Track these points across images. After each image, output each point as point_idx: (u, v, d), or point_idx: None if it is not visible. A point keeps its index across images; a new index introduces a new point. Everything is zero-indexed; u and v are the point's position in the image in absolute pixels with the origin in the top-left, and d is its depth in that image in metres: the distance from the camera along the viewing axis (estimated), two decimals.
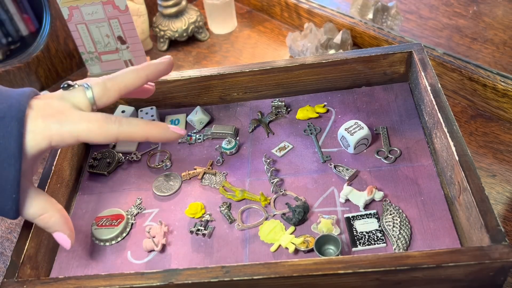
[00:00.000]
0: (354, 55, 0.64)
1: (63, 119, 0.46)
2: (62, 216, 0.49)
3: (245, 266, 0.44)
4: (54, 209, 0.48)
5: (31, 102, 0.47)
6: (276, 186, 0.58)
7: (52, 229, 0.48)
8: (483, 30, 0.84)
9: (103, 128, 0.47)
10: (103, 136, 0.47)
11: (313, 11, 0.91)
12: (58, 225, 0.48)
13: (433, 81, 0.58)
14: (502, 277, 0.43)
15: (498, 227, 0.43)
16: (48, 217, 0.48)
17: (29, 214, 0.47)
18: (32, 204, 0.47)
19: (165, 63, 0.54)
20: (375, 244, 0.50)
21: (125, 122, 0.48)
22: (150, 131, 0.49)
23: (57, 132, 0.46)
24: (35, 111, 0.46)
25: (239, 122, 0.67)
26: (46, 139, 0.45)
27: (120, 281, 0.45)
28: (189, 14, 0.98)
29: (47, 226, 0.48)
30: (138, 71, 0.52)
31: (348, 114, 0.65)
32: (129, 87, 0.51)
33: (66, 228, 0.49)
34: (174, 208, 0.58)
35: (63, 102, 0.48)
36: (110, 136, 0.47)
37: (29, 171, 0.47)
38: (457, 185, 0.50)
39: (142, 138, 0.49)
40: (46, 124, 0.45)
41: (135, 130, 0.48)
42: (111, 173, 0.64)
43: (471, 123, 0.72)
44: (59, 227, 0.48)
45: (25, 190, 0.46)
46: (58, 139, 0.46)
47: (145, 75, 0.52)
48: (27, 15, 1.16)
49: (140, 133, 0.48)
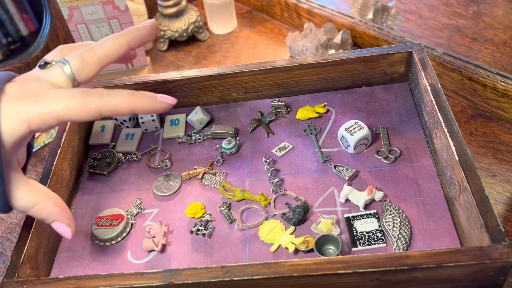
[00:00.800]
0: (354, 55, 0.64)
1: (40, 100, 0.43)
2: (57, 205, 0.46)
3: (245, 266, 0.44)
4: (46, 199, 0.45)
5: (5, 86, 0.44)
6: (276, 186, 0.58)
7: (49, 220, 0.46)
8: (483, 30, 0.84)
9: (83, 104, 0.43)
10: (84, 113, 0.43)
11: (313, 11, 0.91)
12: (54, 215, 0.46)
13: (433, 81, 0.58)
14: (502, 277, 0.43)
15: (498, 227, 0.43)
16: (42, 208, 0.45)
17: (21, 206, 0.45)
18: (22, 195, 0.44)
19: (147, 27, 0.50)
20: (375, 244, 0.50)
21: (107, 94, 0.44)
22: (136, 102, 0.45)
23: (35, 114, 0.42)
24: (9, 95, 0.43)
25: (239, 122, 0.67)
26: (25, 123, 0.42)
27: (120, 281, 0.45)
28: (189, 14, 0.98)
29: (42, 217, 0.46)
30: (118, 38, 0.48)
31: (348, 114, 0.65)
32: (109, 57, 0.47)
33: (63, 217, 0.46)
34: (174, 208, 0.58)
35: (40, 82, 0.45)
36: (92, 111, 0.44)
37: (12, 160, 0.44)
38: (457, 185, 0.50)
39: (128, 110, 0.45)
40: (22, 107, 0.42)
41: (119, 102, 0.44)
42: (111, 173, 0.64)
43: (471, 123, 0.72)
44: (55, 217, 0.46)
45: (12, 181, 0.44)
46: (38, 122, 0.43)
47: (126, 42, 0.48)
48: (27, 15, 1.16)
49: (125, 105, 0.45)
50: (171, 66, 0.95)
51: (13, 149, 0.44)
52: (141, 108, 0.46)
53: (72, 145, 0.64)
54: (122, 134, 0.68)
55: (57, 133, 0.63)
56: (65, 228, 0.46)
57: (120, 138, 0.68)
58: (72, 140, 0.64)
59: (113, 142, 0.68)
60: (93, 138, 0.68)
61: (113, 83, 0.67)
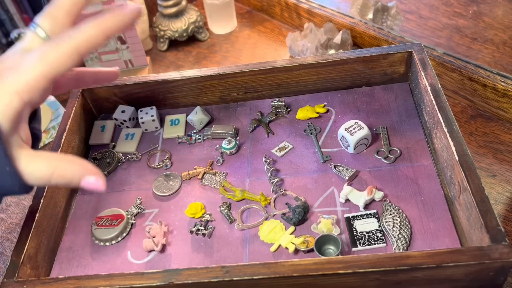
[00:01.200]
0: (354, 55, 0.64)
1: (19, 68, 0.41)
2: (77, 162, 0.42)
3: (245, 266, 0.44)
4: (64, 160, 0.42)
5: None
6: (276, 186, 0.58)
7: (74, 179, 0.42)
8: (483, 30, 0.84)
9: (59, 50, 0.41)
10: (65, 58, 0.41)
11: (313, 11, 0.91)
12: (78, 172, 0.42)
13: (433, 81, 0.58)
14: (502, 277, 0.43)
15: (498, 227, 0.43)
16: (63, 170, 0.41)
17: (39, 178, 0.41)
18: (36, 167, 0.41)
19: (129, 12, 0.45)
20: (375, 244, 0.50)
21: (76, 30, 0.42)
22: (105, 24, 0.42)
23: (20, 83, 0.40)
24: None
25: (239, 122, 0.67)
26: (15, 96, 0.40)
27: (120, 281, 0.45)
28: (189, 14, 0.98)
29: (67, 180, 0.42)
30: None
31: (348, 114, 0.65)
32: (78, 4, 0.45)
33: (89, 170, 0.42)
34: (174, 208, 0.58)
35: (16, 55, 0.43)
36: (71, 53, 0.41)
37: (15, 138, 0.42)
38: (457, 185, 0.50)
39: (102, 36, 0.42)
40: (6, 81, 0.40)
41: (91, 31, 0.42)
42: (111, 173, 0.64)
43: (471, 123, 0.72)
44: (81, 172, 0.42)
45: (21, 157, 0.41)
46: (27, 90, 0.40)
47: None
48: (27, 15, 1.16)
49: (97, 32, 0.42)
50: (171, 66, 0.95)
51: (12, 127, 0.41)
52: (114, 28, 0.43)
53: (72, 145, 0.64)
54: (122, 134, 0.68)
55: (57, 133, 0.63)
56: (97, 180, 0.42)
57: (120, 138, 0.68)
58: (72, 140, 0.64)
59: (113, 142, 0.68)
60: (93, 138, 0.68)
61: (113, 83, 0.67)
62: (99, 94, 0.69)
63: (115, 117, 0.69)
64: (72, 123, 0.64)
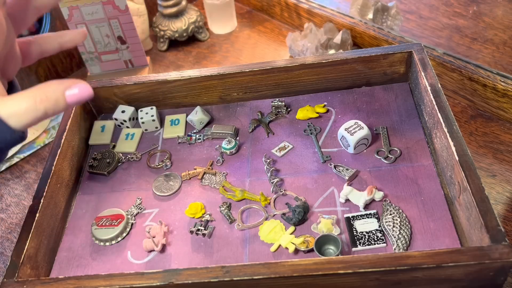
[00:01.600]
0: (354, 55, 0.64)
1: None
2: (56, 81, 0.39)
3: (245, 266, 0.44)
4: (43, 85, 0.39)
5: None
6: (276, 186, 0.58)
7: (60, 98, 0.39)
8: (483, 30, 0.84)
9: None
10: None
11: (313, 11, 0.91)
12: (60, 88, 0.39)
13: (433, 81, 0.58)
14: (502, 277, 0.43)
15: (498, 227, 0.43)
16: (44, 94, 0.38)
17: (24, 114, 0.38)
18: (16, 104, 0.38)
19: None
20: (375, 244, 0.50)
21: None
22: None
23: None
24: None
25: (239, 122, 0.67)
26: None
27: (120, 281, 0.45)
28: (189, 14, 0.98)
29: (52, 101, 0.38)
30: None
31: (348, 114, 0.65)
32: None
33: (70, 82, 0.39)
34: (174, 208, 0.58)
35: None
36: None
37: None
38: (457, 185, 0.50)
39: None
40: None
41: None
42: (111, 173, 0.64)
43: (471, 123, 0.72)
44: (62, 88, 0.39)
45: None
46: None
47: None
48: None
49: None
50: (171, 66, 0.95)
51: None
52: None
53: (72, 145, 0.64)
54: (122, 134, 0.68)
55: (57, 133, 0.63)
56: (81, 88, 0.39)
57: (120, 138, 0.68)
58: (72, 140, 0.64)
59: (113, 142, 0.68)
60: (93, 138, 0.68)
61: (113, 83, 0.67)
62: (99, 94, 0.69)
63: (115, 117, 0.69)
64: (72, 123, 0.64)
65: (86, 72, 0.91)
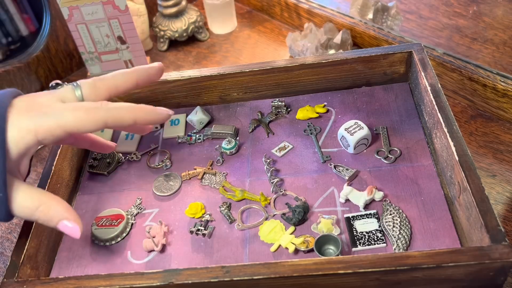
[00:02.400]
0: (354, 55, 0.64)
1: (48, 112, 0.44)
2: (62, 204, 0.46)
3: (245, 266, 0.44)
4: (51, 199, 0.45)
5: (14, 100, 0.45)
6: (276, 186, 0.58)
7: (54, 219, 0.45)
8: (483, 30, 0.84)
9: (90, 114, 0.45)
10: (91, 123, 0.45)
11: (313, 11, 0.91)
12: (60, 213, 0.45)
13: (433, 81, 0.58)
14: (502, 277, 0.43)
15: (498, 227, 0.43)
16: (47, 208, 0.45)
17: (24, 210, 0.44)
18: (24, 198, 0.44)
19: (155, 68, 0.54)
20: (375, 244, 0.50)
21: (112, 106, 0.47)
22: (138, 113, 0.48)
23: (42, 125, 0.44)
24: (17, 107, 0.44)
25: (239, 122, 0.67)
26: (31, 133, 0.43)
27: (120, 281, 0.45)
28: (189, 14, 0.98)
29: (48, 218, 0.45)
30: (128, 73, 0.52)
31: (348, 114, 0.65)
32: (118, 87, 0.51)
33: (70, 214, 0.46)
34: (174, 208, 0.58)
35: (48, 97, 0.46)
36: (99, 121, 0.45)
37: (16, 169, 0.45)
38: (457, 185, 0.50)
39: (131, 120, 0.47)
40: (30, 117, 0.44)
41: (123, 113, 0.47)
42: (111, 173, 0.64)
43: (471, 123, 0.72)
44: (61, 215, 0.45)
45: (14, 187, 0.44)
46: (45, 132, 0.44)
47: (135, 77, 0.52)
48: (27, 15, 1.16)
49: (128, 116, 0.47)
50: (171, 66, 0.95)
51: (17, 158, 0.45)
52: (143, 119, 0.48)
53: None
54: (122, 134, 0.68)
55: None
56: (74, 225, 0.46)
57: (120, 138, 0.68)
58: None
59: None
60: None
61: None
62: None
63: None
64: None
65: (86, 72, 0.91)
